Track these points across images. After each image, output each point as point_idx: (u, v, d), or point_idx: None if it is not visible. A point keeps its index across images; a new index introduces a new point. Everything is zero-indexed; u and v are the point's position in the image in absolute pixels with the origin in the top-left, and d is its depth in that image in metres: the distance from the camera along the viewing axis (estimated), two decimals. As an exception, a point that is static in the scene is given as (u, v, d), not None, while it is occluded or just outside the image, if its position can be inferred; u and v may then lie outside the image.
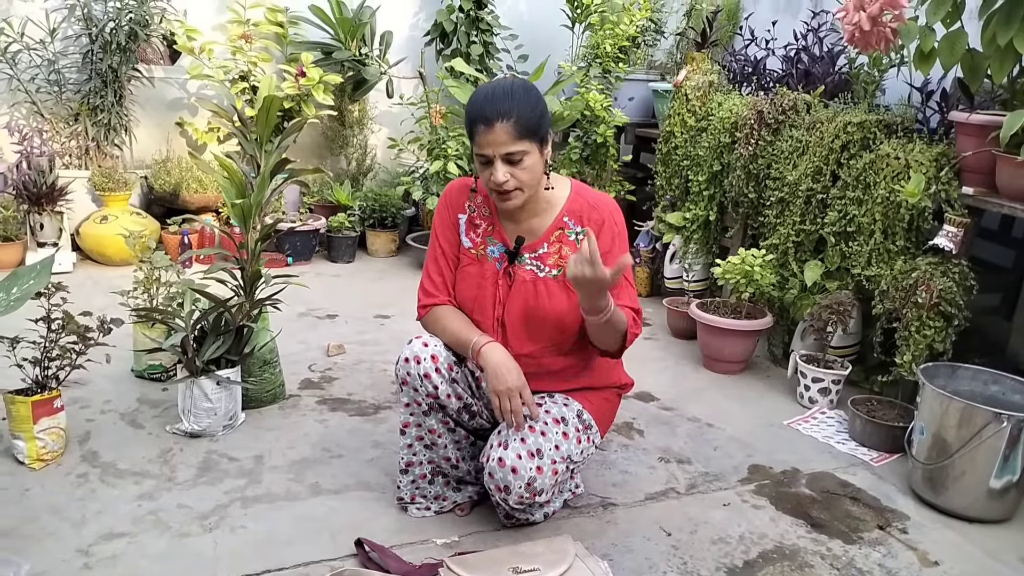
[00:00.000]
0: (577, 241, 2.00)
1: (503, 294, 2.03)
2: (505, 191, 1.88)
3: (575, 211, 2.01)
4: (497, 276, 2.03)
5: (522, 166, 1.86)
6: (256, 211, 2.56)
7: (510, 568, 1.84)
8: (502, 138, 1.82)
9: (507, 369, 1.91)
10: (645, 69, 4.75)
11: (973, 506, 2.29)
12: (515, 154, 1.84)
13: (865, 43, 2.74)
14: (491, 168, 1.86)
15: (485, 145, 1.84)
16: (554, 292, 2.00)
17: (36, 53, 4.21)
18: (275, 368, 2.77)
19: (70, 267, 4.12)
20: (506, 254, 2.03)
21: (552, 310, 2.00)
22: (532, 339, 2.02)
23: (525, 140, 1.85)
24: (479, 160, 1.89)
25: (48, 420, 2.28)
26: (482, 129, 1.83)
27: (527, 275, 2.01)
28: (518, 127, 1.83)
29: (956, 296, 2.63)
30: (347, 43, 4.76)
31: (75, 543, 1.95)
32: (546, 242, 2.01)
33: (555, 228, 2.01)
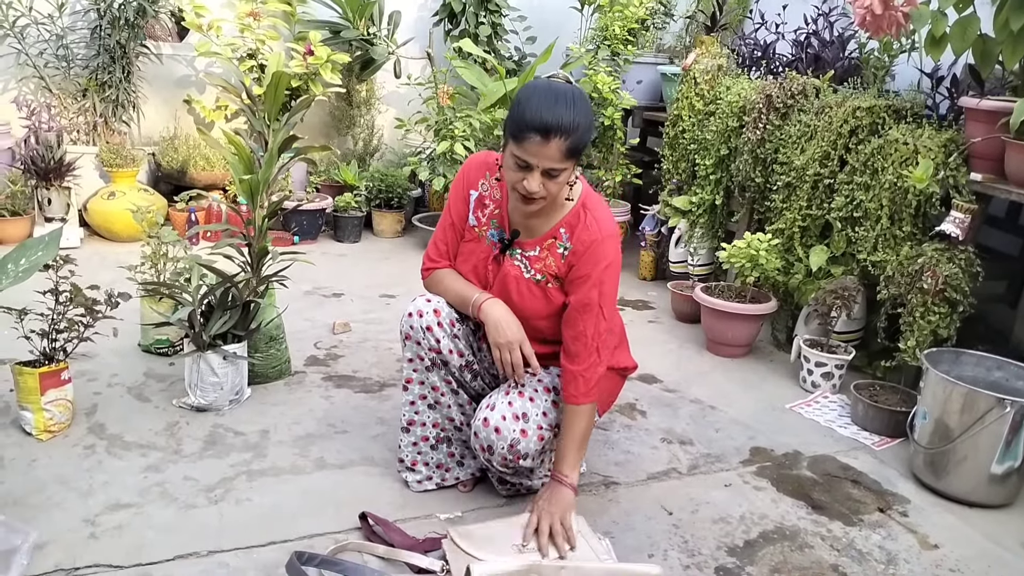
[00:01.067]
0: (562, 256, 1.98)
1: (491, 277, 2.05)
2: (531, 198, 1.85)
3: (572, 224, 1.97)
4: (488, 259, 2.05)
5: (556, 180, 1.83)
6: (263, 188, 2.57)
7: (513, 545, 1.85)
8: (554, 155, 1.77)
9: (507, 323, 1.95)
10: (654, 52, 4.73)
11: (974, 491, 2.30)
12: (555, 170, 1.80)
13: (876, 27, 2.73)
14: (526, 174, 1.81)
15: (533, 155, 1.78)
16: (534, 295, 2.01)
17: (44, 28, 4.20)
18: (281, 344, 2.78)
19: (77, 242, 4.13)
20: (501, 242, 2.04)
21: (531, 310, 2.01)
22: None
23: (570, 160, 1.81)
24: (516, 161, 1.81)
25: (55, 392, 2.30)
26: (537, 140, 1.75)
27: (513, 270, 2.02)
28: (571, 148, 1.78)
29: (962, 282, 2.63)
30: (355, 22, 4.74)
31: (82, 513, 1.97)
32: (539, 246, 2.00)
33: (549, 236, 1.99)
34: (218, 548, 1.87)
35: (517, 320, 1.97)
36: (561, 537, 1.86)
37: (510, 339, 1.94)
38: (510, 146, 1.82)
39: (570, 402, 1.97)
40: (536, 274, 2.01)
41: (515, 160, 1.82)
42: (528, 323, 2.01)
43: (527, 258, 2.02)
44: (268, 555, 1.86)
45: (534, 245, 2.01)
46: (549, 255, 2.00)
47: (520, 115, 1.78)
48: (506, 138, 1.84)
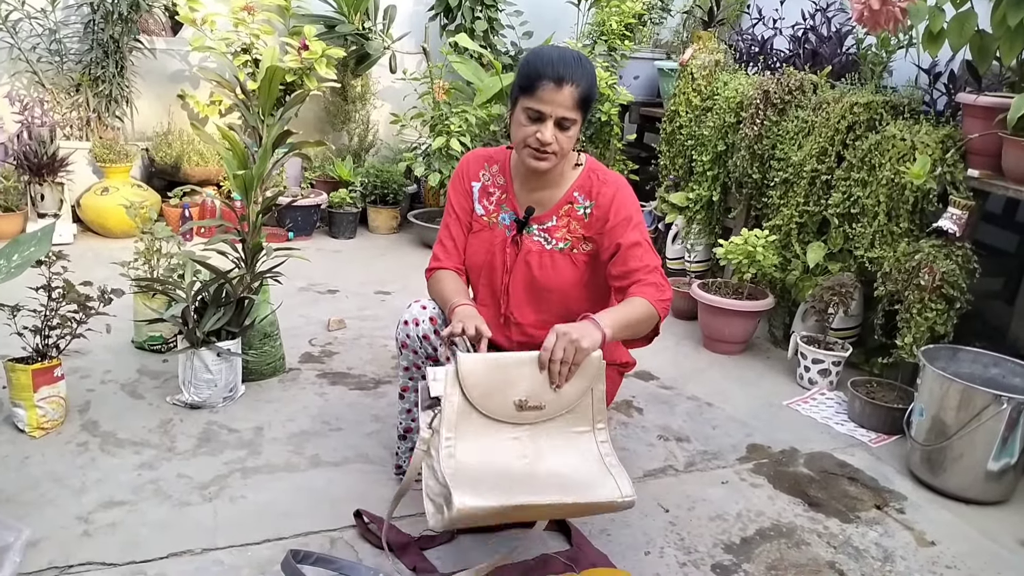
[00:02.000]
0: (585, 216, 2.00)
1: (510, 262, 2.03)
2: (544, 151, 1.87)
3: (584, 186, 2.01)
4: (506, 243, 2.03)
5: (567, 134, 1.87)
6: (257, 183, 2.55)
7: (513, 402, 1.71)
8: (567, 101, 1.82)
9: (469, 315, 1.82)
10: (651, 47, 4.71)
11: (971, 487, 2.30)
12: (568, 120, 1.84)
13: (874, 23, 2.72)
14: (539, 125, 1.84)
15: (547, 102, 1.82)
16: (559, 265, 2.00)
17: (37, 22, 4.17)
18: (275, 341, 2.77)
19: (70, 238, 4.11)
20: (516, 223, 2.03)
21: (557, 283, 2.00)
22: (536, 309, 2.03)
23: (579, 110, 1.85)
24: (528, 114, 1.85)
25: (48, 389, 2.28)
26: (551, 87, 1.81)
27: (534, 246, 2.01)
28: (581, 96, 1.83)
29: (959, 279, 2.63)
30: (350, 17, 4.71)
31: (75, 510, 1.96)
32: (555, 215, 2.01)
33: (564, 202, 2.01)
34: (212, 546, 1.86)
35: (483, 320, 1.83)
36: (565, 368, 1.68)
37: (468, 314, 1.81)
38: (521, 102, 1.86)
39: (641, 295, 1.83)
40: (558, 243, 2.01)
41: (527, 114, 1.86)
42: (555, 296, 1.99)
43: (545, 230, 2.02)
44: (263, 552, 1.85)
45: (550, 215, 2.01)
46: (570, 219, 2.01)
47: (532, 68, 1.84)
48: (515, 97, 1.89)
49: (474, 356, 1.71)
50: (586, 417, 1.76)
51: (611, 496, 1.65)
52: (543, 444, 1.74)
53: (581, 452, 1.74)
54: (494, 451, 1.71)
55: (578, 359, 1.69)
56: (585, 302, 2.02)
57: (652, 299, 1.85)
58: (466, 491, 1.59)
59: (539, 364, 1.70)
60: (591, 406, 1.75)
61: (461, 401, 1.69)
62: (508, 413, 1.71)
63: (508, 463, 1.70)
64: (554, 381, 1.70)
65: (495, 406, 1.71)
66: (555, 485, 1.67)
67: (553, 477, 1.69)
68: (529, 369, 1.71)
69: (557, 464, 1.72)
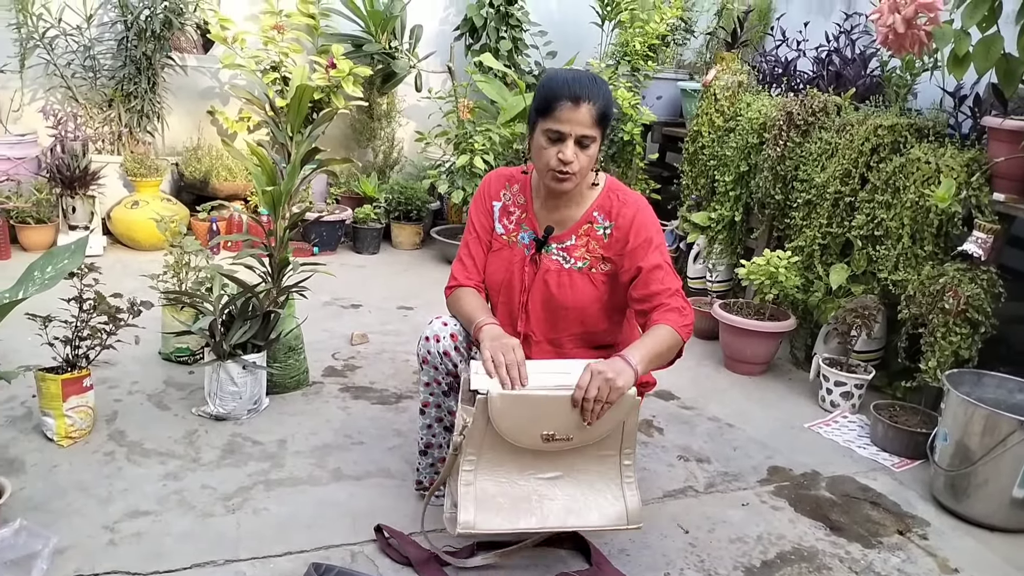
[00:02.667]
0: (605, 236, 2.01)
1: (528, 280, 2.05)
2: (566, 173, 1.89)
3: (604, 206, 2.02)
4: (524, 262, 2.05)
5: (587, 152, 1.89)
6: (285, 199, 2.59)
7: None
8: (585, 119, 1.85)
9: (503, 337, 1.83)
10: (674, 68, 4.74)
11: (995, 514, 2.27)
12: (588, 138, 1.87)
13: (898, 46, 2.71)
14: (560, 146, 1.87)
15: (566, 122, 1.85)
16: (577, 284, 2.01)
17: (72, 39, 4.27)
18: (300, 355, 2.80)
19: (100, 251, 4.18)
20: (535, 242, 2.05)
21: (575, 301, 2.01)
22: (554, 328, 2.04)
23: (598, 128, 1.88)
24: (548, 136, 1.88)
25: (77, 398, 2.32)
26: (568, 106, 1.84)
27: (552, 264, 2.03)
28: (599, 113, 1.86)
29: (984, 303, 2.61)
30: (377, 36, 4.79)
31: (101, 519, 1.99)
32: (574, 234, 2.02)
33: (584, 221, 2.02)
34: (235, 557, 1.88)
35: (516, 342, 1.84)
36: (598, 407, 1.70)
37: (506, 342, 1.80)
38: (540, 124, 1.89)
39: (665, 323, 1.86)
40: (576, 262, 2.02)
41: (547, 135, 1.88)
42: (572, 315, 2.00)
43: (564, 249, 2.03)
44: (284, 565, 1.87)
45: (569, 235, 2.03)
46: (589, 239, 2.02)
47: (548, 90, 1.88)
48: (533, 121, 1.92)
49: (504, 395, 1.72)
50: (615, 443, 1.81)
51: (616, 522, 1.76)
52: (564, 464, 1.80)
53: (601, 474, 1.82)
54: (512, 474, 1.80)
55: (612, 398, 1.72)
56: (603, 321, 2.03)
57: (676, 325, 1.87)
58: (472, 512, 1.72)
59: (572, 402, 1.73)
60: (620, 436, 1.80)
61: (488, 428, 1.75)
62: (534, 443, 1.77)
63: (525, 484, 1.80)
64: (586, 419, 1.74)
65: (522, 437, 1.76)
66: (563, 509, 1.78)
67: (566, 499, 1.80)
68: (561, 406, 1.73)
69: (572, 486, 1.81)
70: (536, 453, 1.79)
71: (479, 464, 1.77)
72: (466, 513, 1.72)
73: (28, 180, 4.17)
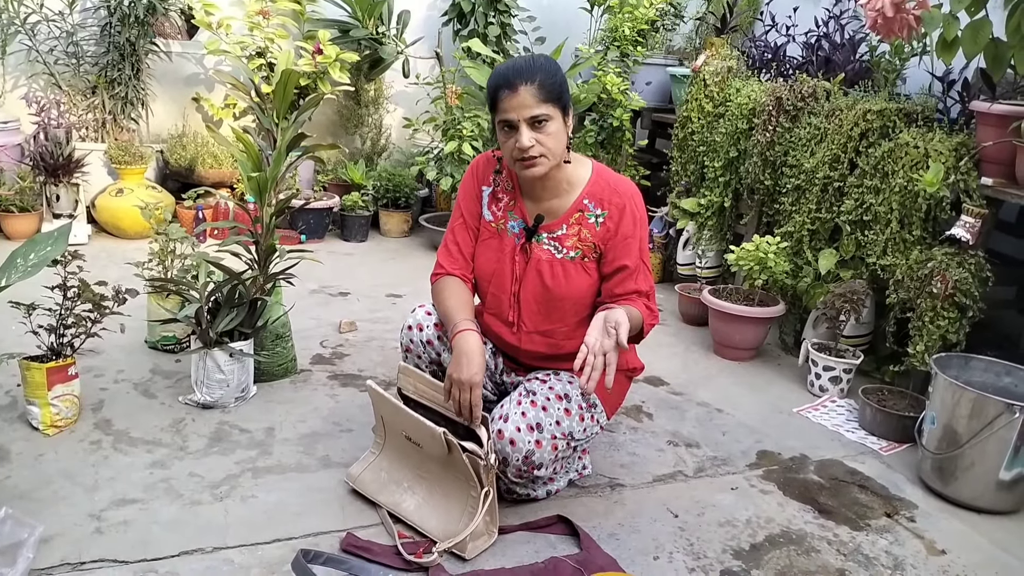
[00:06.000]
0: (597, 224, 2.00)
1: (519, 270, 2.03)
2: (530, 157, 1.87)
3: (595, 193, 2.01)
4: (515, 251, 2.04)
5: (546, 131, 1.86)
6: (271, 186, 2.57)
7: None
8: (527, 101, 1.83)
9: (468, 360, 1.87)
10: (663, 53, 4.72)
11: (982, 497, 2.29)
12: (539, 117, 1.84)
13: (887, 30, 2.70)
14: (515, 134, 1.86)
15: (510, 109, 1.84)
16: (571, 274, 2.00)
17: (55, 25, 4.21)
18: (287, 342, 2.78)
19: (85, 239, 4.14)
20: (525, 230, 2.03)
21: (569, 292, 2.00)
22: (547, 318, 2.03)
23: (548, 104, 1.85)
24: (503, 128, 1.88)
25: (62, 387, 2.30)
26: (506, 94, 1.84)
27: (544, 254, 2.01)
28: (541, 91, 1.84)
29: (971, 287, 2.62)
30: (364, 21, 4.74)
31: (87, 508, 1.97)
32: (565, 223, 2.01)
33: (575, 210, 2.01)
34: (223, 545, 1.87)
35: (484, 362, 1.89)
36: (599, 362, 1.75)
37: (462, 377, 1.85)
38: (496, 121, 1.91)
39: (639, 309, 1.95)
40: (569, 252, 2.01)
41: (502, 128, 1.89)
42: (567, 305, 2.01)
43: (556, 239, 2.02)
44: (273, 552, 1.86)
45: (560, 224, 2.01)
46: (582, 227, 2.01)
47: (489, 85, 1.91)
48: (492, 121, 1.94)
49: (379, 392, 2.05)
50: (464, 472, 1.90)
51: (444, 539, 1.88)
52: (436, 471, 1.99)
53: (457, 495, 1.95)
54: (402, 461, 2.08)
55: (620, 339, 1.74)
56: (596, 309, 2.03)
57: (644, 315, 1.96)
58: (360, 470, 2.11)
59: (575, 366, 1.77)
60: (467, 468, 1.89)
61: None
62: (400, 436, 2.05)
63: (406, 472, 2.06)
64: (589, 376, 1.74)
65: (393, 426, 2.07)
66: (415, 505, 2.01)
67: (421, 498, 2.01)
68: (420, 426, 1.94)
69: (432, 491, 2.00)
70: (420, 454, 1.99)
71: (385, 447, 2.13)
72: (357, 468, 2.13)
73: (11, 168, 4.12)
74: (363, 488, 2.09)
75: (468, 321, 1.95)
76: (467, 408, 1.88)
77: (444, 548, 1.85)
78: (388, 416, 2.08)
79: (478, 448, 1.86)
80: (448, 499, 1.97)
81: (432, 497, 2.00)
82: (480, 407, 1.89)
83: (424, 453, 2.00)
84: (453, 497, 1.96)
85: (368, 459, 2.15)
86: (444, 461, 1.94)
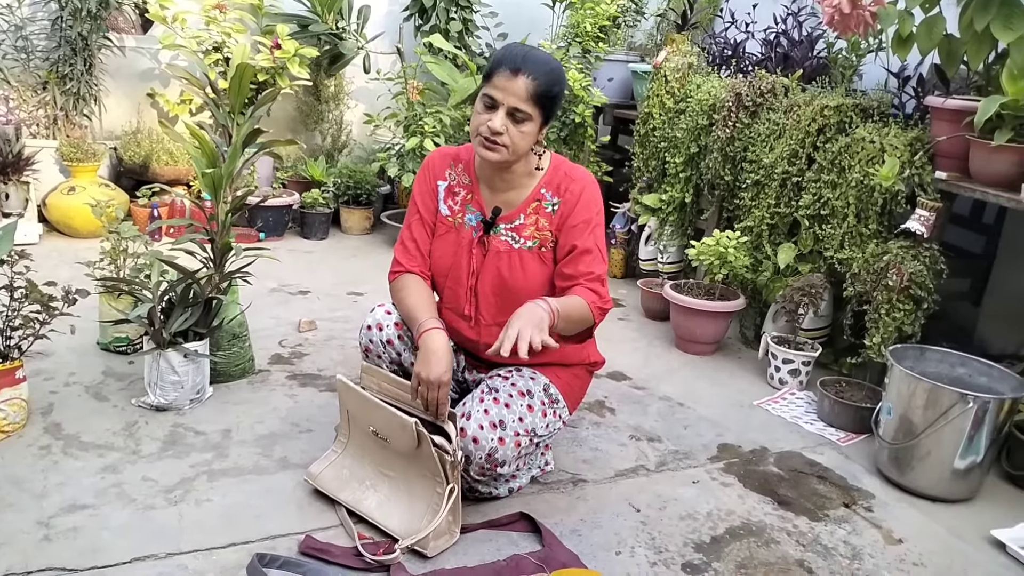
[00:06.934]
0: (553, 212, 1.99)
1: (477, 264, 2.02)
2: (493, 140, 1.86)
3: (552, 183, 2.00)
4: (472, 244, 2.02)
5: (521, 128, 1.86)
6: (227, 182, 2.52)
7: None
8: (520, 91, 1.82)
9: (437, 359, 1.86)
10: (625, 50, 4.73)
11: (937, 485, 2.32)
12: (520, 112, 1.84)
13: (844, 26, 2.75)
14: (492, 113, 1.85)
15: (501, 89, 1.83)
16: (528, 264, 1.99)
17: (3, 18, 4.09)
18: (244, 342, 2.73)
19: (36, 238, 4.03)
20: (482, 223, 2.02)
21: (526, 282, 1.99)
22: (504, 310, 2.01)
23: (535, 106, 1.85)
24: (484, 100, 1.87)
25: (10, 391, 2.23)
26: (506, 74, 1.82)
27: (502, 246, 2.00)
28: (537, 90, 1.83)
29: (926, 280, 2.65)
30: (324, 16, 4.68)
31: (35, 515, 1.91)
32: (523, 213, 2.00)
33: (532, 200, 2.00)
34: (177, 550, 1.83)
35: (451, 360, 1.89)
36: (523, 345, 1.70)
37: (434, 377, 1.85)
38: (482, 90, 1.88)
39: (583, 296, 1.90)
40: (526, 241, 1.99)
41: (483, 100, 1.87)
42: (524, 296, 1.97)
43: (513, 229, 2.01)
44: (228, 556, 1.82)
45: (517, 214, 2.00)
46: (538, 216, 2.00)
47: (495, 57, 1.87)
48: (478, 89, 1.91)
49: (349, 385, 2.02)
50: (433, 468, 1.88)
51: (406, 535, 1.87)
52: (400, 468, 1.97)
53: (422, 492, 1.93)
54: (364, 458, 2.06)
55: (536, 339, 1.70)
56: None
57: (590, 301, 1.91)
58: (322, 468, 2.08)
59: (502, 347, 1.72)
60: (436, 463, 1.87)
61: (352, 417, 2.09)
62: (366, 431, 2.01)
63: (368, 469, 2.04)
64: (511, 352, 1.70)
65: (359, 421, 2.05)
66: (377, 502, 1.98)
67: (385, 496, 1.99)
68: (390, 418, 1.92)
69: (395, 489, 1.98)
70: (386, 451, 1.98)
71: (348, 445, 2.11)
72: (318, 467, 2.09)
73: (-43, 166, 3.99)
74: (324, 486, 2.06)
75: (434, 320, 1.95)
76: (434, 406, 1.87)
77: (407, 545, 1.83)
78: (355, 410, 2.04)
79: (446, 443, 1.84)
80: (412, 496, 1.94)
81: (395, 494, 1.98)
82: (447, 404, 1.89)
83: (390, 450, 1.97)
84: (417, 494, 1.93)
85: (330, 457, 2.12)
86: (410, 456, 1.92)
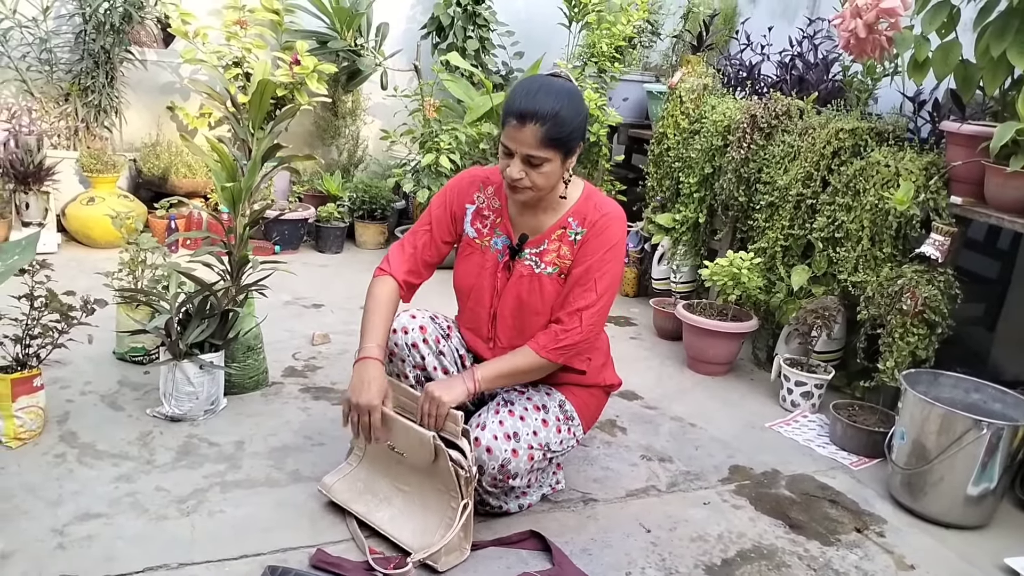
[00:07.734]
0: (575, 241, 2.00)
1: (500, 286, 2.04)
2: (516, 186, 1.89)
3: (581, 212, 2.01)
4: (497, 268, 2.04)
5: (539, 171, 1.87)
6: (245, 196, 2.55)
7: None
8: (528, 140, 1.82)
9: (367, 386, 1.89)
10: (640, 70, 4.76)
11: (950, 512, 2.31)
12: (535, 158, 1.84)
13: (860, 50, 2.76)
14: (509, 160, 1.87)
15: (511, 139, 1.85)
16: (547, 289, 2.01)
17: (28, 31, 4.16)
18: (259, 355, 2.75)
19: (55, 248, 4.08)
20: (509, 248, 2.04)
21: (543, 306, 2.01)
22: (521, 333, 2.03)
23: (549, 149, 1.84)
24: (503, 148, 1.89)
25: (27, 398, 2.26)
26: (514, 124, 1.83)
27: (525, 270, 2.02)
28: (547, 135, 1.82)
29: (940, 304, 2.65)
30: (343, 33, 4.74)
31: (50, 523, 1.93)
32: (547, 239, 2.02)
33: (558, 227, 2.01)
34: (189, 561, 1.84)
35: (382, 387, 1.91)
36: (430, 421, 1.87)
37: (364, 403, 1.88)
38: (501, 136, 1.90)
39: (529, 345, 1.95)
40: (547, 267, 2.01)
41: (502, 147, 1.89)
42: (541, 320, 2.00)
43: (537, 254, 2.03)
44: (240, 568, 1.83)
45: (542, 240, 2.02)
46: (561, 244, 2.01)
47: (507, 101, 1.87)
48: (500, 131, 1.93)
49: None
50: (448, 482, 1.88)
51: (419, 549, 1.86)
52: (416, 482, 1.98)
53: (437, 506, 1.93)
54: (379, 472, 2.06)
55: (440, 411, 1.85)
56: None
57: (539, 347, 1.94)
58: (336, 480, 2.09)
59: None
60: (452, 477, 1.87)
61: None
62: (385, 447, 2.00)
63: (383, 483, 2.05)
64: (426, 424, 1.88)
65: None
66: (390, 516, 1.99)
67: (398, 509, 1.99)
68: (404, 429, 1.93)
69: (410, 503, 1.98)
70: (401, 465, 1.98)
71: (364, 458, 2.11)
72: (332, 478, 2.10)
73: (-20, 175, 4.05)
74: (337, 497, 2.06)
75: (377, 348, 1.96)
76: (366, 430, 1.91)
77: (419, 559, 1.84)
78: None
79: (462, 458, 1.85)
80: (426, 510, 1.95)
81: (409, 507, 1.98)
82: (379, 429, 1.92)
83: (406, 464, 1.97)
84: (431, 508, 1.94)
85: (344, 470, 2.12)
86: (426, 471, 1.92)
